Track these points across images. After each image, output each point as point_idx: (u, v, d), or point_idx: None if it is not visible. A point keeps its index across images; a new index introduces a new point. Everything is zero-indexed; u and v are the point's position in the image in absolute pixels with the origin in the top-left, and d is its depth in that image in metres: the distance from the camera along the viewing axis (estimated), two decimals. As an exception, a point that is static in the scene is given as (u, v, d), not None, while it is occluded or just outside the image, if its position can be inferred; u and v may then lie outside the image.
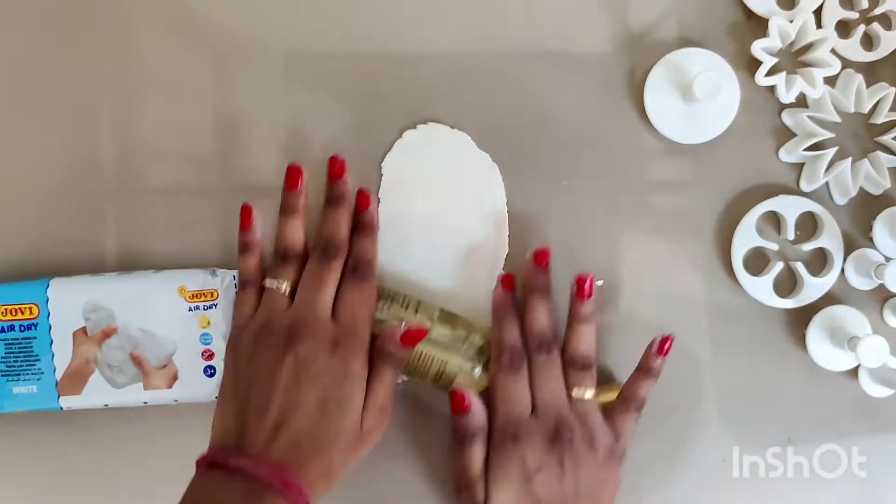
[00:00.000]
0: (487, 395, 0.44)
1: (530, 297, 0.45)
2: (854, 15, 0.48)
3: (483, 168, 0.48)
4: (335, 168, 0.46)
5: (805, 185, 0.48)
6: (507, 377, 0.44)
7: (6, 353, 0.45)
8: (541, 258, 0.46)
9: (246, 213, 0.45)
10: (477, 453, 0.43)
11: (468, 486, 0.43)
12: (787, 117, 0.48)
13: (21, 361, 0.45)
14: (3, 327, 0.44)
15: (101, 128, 0.48)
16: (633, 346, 0.48)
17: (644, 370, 0.45)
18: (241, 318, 0.44)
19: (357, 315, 0.43)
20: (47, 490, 0.48)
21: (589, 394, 0.44)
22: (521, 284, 0.46)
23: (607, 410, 0.45)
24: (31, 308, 0.44)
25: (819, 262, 0.49)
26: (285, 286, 0.44)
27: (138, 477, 0.48)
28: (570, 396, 0.44)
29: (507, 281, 0.46)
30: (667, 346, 0.45)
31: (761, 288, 0.48)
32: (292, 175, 0.45)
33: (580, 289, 0.45)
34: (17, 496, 0.48)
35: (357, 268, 0.44)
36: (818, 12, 0.47)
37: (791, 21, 0.46)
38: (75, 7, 0.47)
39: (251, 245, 0.45)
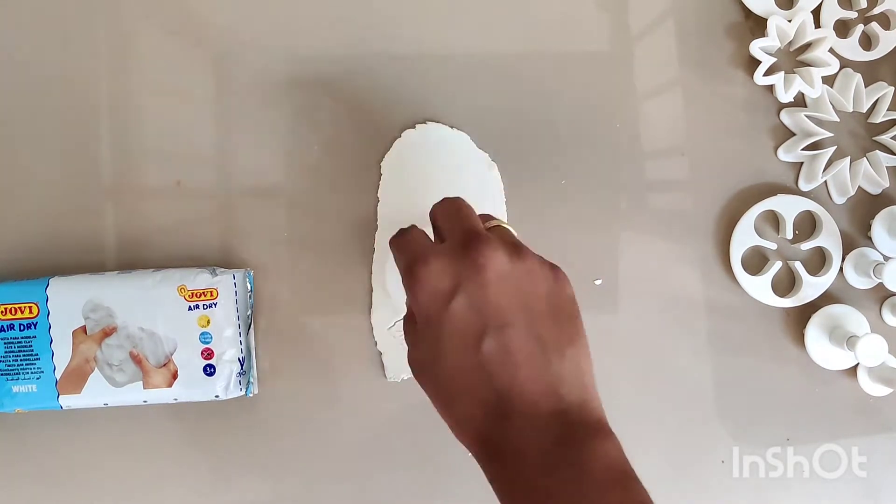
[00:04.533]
0: None
1: None
2: (853, 14, 0.48)
3: (482, 168, 0.48)
4: None
5: (804, 185, 0.48)
6: (396, 240, 0.37)
7: (6, 352, 0.45)
8: None
9: None
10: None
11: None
12: (785, 116, 0.48)
13: (21, 360, 0.45)
14: (2, 326, 0.44)
15: (101, 127, 0.48)
16: (633, 345, 0.49)
17: None
18: None
19: None
20: (47, 489, 0.48)
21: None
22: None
23: None
24: (30, 307, 0.45)
25: (818, 261, 0.49)
26: None
27: (138, 476, 0.48)
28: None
29: None
30: None
31: (760, 287, 0.48)
32: None
33: None
34: (17, 496, 0.48)
35: None
36: (817, 12, 0.48)
37: (790, 20, 0.46)
38: (75, 7, 0.48)
39: None
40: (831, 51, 0.47)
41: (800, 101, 0.48)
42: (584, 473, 0.31)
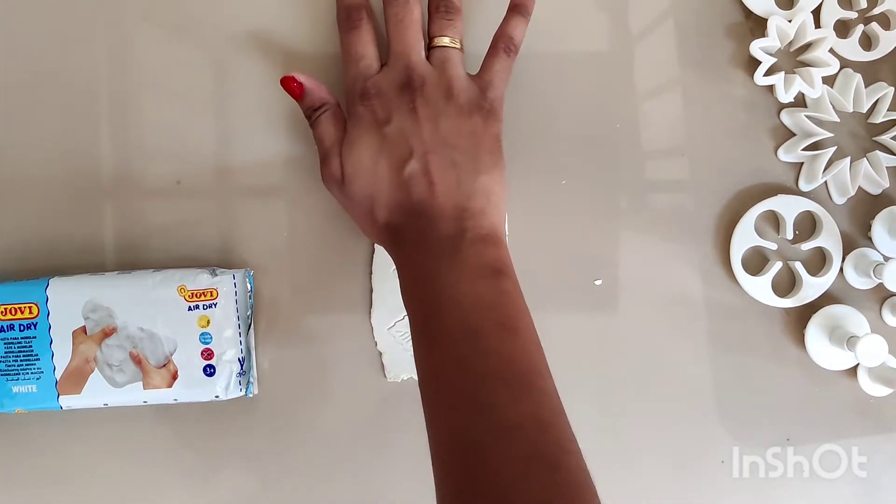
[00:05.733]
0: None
1: None
2: (853, 14, 0.48)
3: (482, 168, 0.48)
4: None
5: (804, 185, 0.48)
6: (346, 36, 0.44)
7: (6, 352, 0.45)
8: None
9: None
10: (325, 124, 0.43)
11: (325, 159, 0.43)
12: (785, 117, 0.48)
13: (21, 361, 0.45)
14: (2, 326, 0.44)
15: (101, 127, 0.48)
16: (633, 346, 0.48)
17: (513, 7, 0.45)
18: None
19: None
20: (47, 490, 0.48)
21: (447, 40, 0.43)
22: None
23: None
24: (30, 307, 0.45)
25: (818, 261, 0.49)
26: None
27: (138, 476, 0.48)
28: (431, 48, 0.43)
29: None
30: None
31: (760, 287, 0.48)
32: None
33: None
34: (17, 496, 0.48)
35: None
36: (817, 12, 0.48)
37: (790, 21, 0.46)
38: (75, 7, 0.48)
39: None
40: (831, 51, 0.47)
41: (800, 102, 0.48)
42: (463, 262, 0.38)
